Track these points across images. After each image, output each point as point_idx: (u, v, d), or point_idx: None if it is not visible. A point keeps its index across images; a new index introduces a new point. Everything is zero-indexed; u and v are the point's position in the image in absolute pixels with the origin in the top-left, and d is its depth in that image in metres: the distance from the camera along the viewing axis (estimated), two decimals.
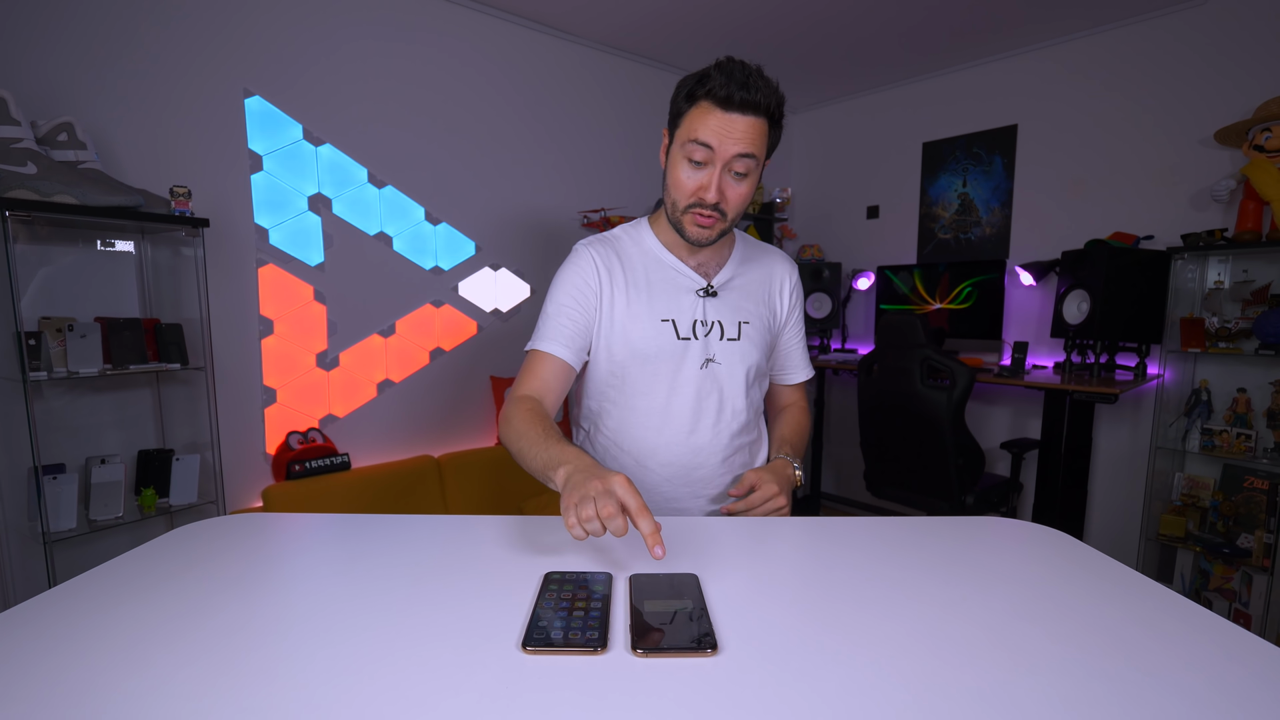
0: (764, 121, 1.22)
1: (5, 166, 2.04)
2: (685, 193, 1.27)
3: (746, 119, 1.20)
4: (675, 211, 1.30)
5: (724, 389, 1.40)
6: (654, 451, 1.40)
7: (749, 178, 1.26)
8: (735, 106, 1.18)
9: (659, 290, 1.39)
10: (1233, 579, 3.22)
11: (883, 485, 3.57)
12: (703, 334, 1.39)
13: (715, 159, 1.22)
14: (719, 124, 1.20)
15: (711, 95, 1.19)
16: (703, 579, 0.86)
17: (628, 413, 1.41)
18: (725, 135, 1.20)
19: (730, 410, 1.42)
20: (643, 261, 1.41)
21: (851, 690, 0.62)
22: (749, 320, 1.43)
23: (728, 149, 1.20)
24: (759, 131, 1.22)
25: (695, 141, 1.21)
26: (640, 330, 1.36)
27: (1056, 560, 0.95)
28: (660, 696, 0.62)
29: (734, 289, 1.44)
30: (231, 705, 0.60)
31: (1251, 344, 3.11)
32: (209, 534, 1.03)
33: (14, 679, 0.64)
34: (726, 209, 1.27)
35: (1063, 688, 0.63)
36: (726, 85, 1.18)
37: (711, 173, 1.23)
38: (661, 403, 1.38)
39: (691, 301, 1.39)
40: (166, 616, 0.77)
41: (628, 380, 1.39)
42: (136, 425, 2.59)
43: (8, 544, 2.33)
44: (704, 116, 1.21)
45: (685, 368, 1.38)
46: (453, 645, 0.71)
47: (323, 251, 3.03)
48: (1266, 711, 0.59)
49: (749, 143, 1.21)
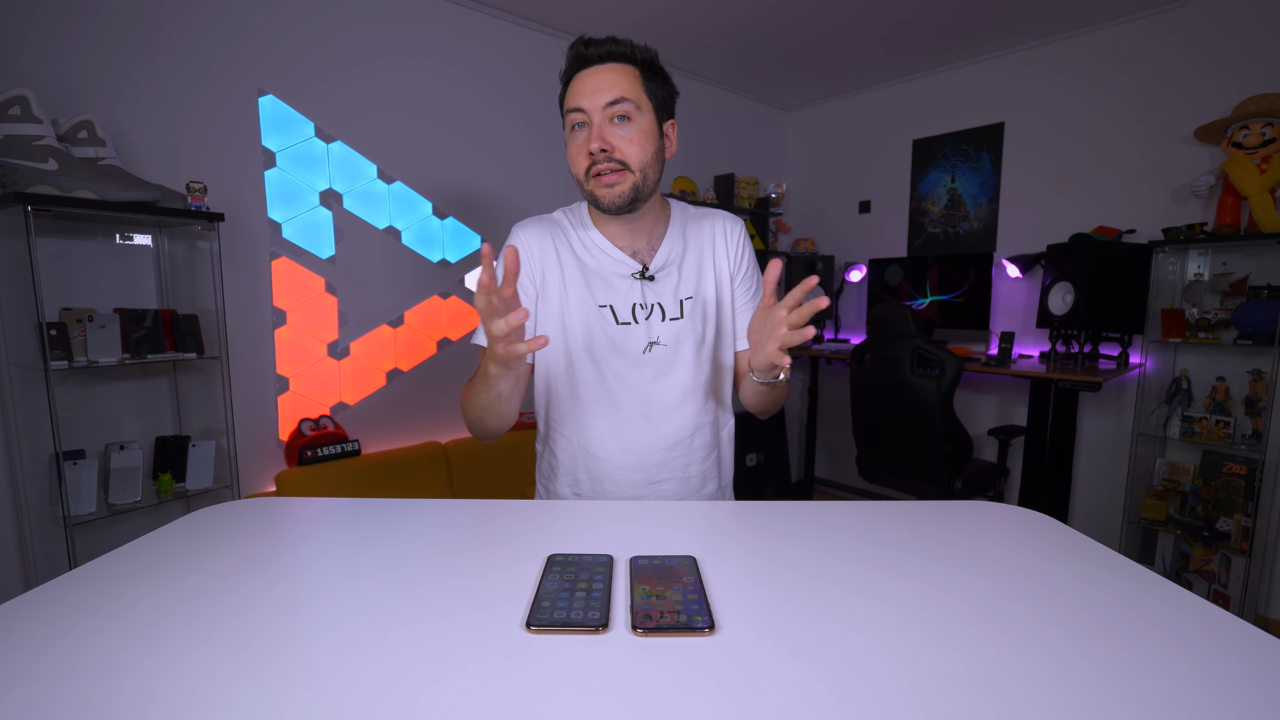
0: (629, 67, 1.21)
1: (27, 163, 2.04)
2: (579, 160, 1.24)
3: (605, 68, 1.20)
4: (583, 185, 1.27)
5: (671, 370, 1.33)
6: (603, 440, 1.34)
7: (634, 123, 1.21)
8: (593, 60, 1.20)
9: (595, 276, 1.33)
10: (1212, 561, 3.23)
11: (874, 471, 3.57)
12: (643, 317, 1.32)
13: (590, 117, 1.20)
14: (582, 83, 1.20)
15: (570, 65, 1.22)
16: (700, 561, 0.86)
17: (574, 403, 1.35)
18: (590, 91, 1.19)
19: (680, 390, 1.34)
20: (580, 247, 1.35)
21: (844, 667, 0.62)
22: (691, 295, 1.35)
23: (596, 101, 1.19)
24: (624, 75, 1.20)
25: (569, 108, 1.22)
26: (579, 318, 1.31)
27: (1042, 543, 0.95)
28: (660, 674, 0.62)
29: (672, 266, 1.35)
30: (245, 682, 0.60)
31: (1230, 334, 3.11)
32: (224, 518, 1.03)
33: (37, 656, 0.64)
34: (623, 158, 1.21)
35: (1048, 665, 0.62)
36: (577, 47, 1.21)
37: (590, 129, 1.21)
38: (607, 390, 1.33)
39: (628, 286, 1.32)
40: (182, 597, 0.77)
41: (571, 370, 1.34)
42: (154, 412, 2.59)
43: (30, 527, 2.33)
44: (572, 86, 1.22)
45: (627, 353, 1.32)
46: (459, 625, 0.70)
47: (334, 245, 3.02)
48: (1244, 688, 0.59)
49: (615, 88, 1.19)
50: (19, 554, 2.37)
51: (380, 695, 0.58)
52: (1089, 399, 3.78)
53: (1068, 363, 3.51)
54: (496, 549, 0.93)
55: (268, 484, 2.90)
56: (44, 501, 2.32)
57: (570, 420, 1.36)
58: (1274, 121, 2.93)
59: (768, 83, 4.65)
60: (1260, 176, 2.93)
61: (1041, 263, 3.76)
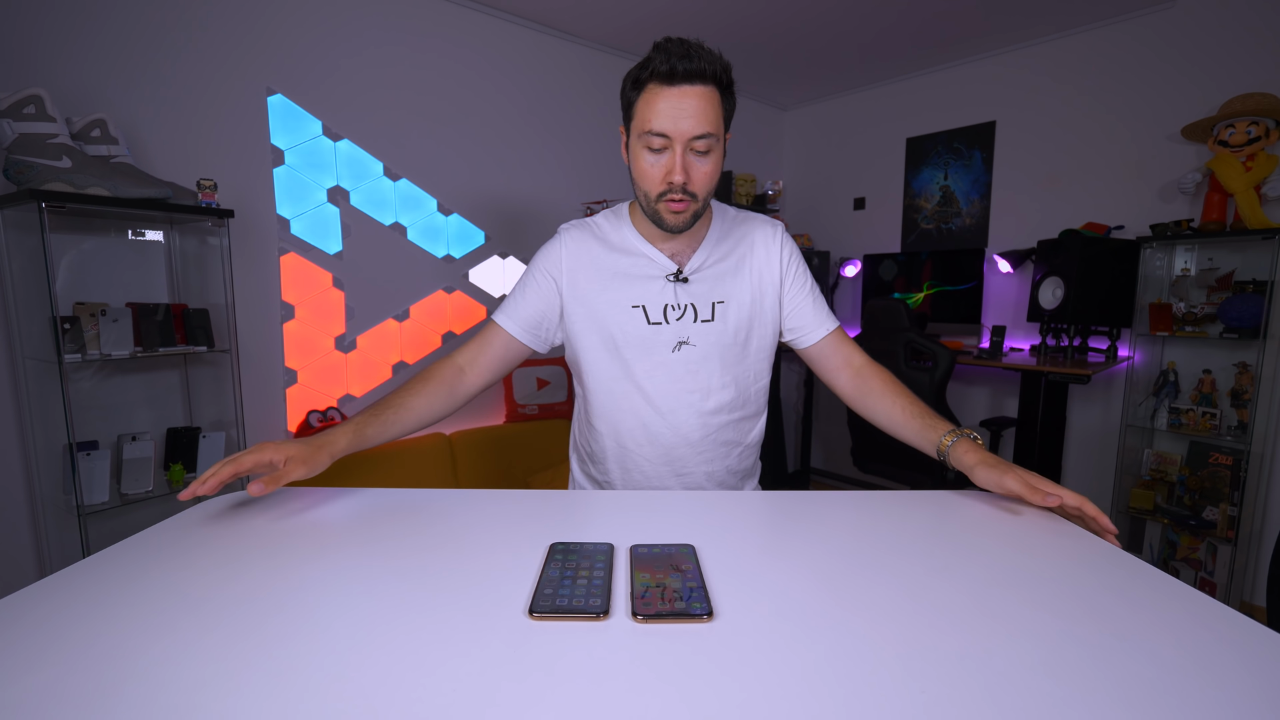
0: (713, 89, 1.16)
1: (42, 161, 2.03)
2: (654, 181, 1.20)
3: (695, 89, 1.13)
4: (649, 203, 1.24)
5: (699, 370, 1.34)
6: (632, 433, 1.36)
7: (711, 155, 1.19)
8: (680, 78, 1.13)
9: (630, 277, 1.34)
10: (1198, 549, 3.23)
11: (869, 461, 3.57)
12: (674, 318, 1.33)
13: (674, 142, 1.15)
14: (669, 104, 1.14)
15: (655, 75, 1.14)
16: (699, 550, 0.85)
17: (606, 397, 1.37)
18: (678, 115, 1.14)
19: (706, 389, 1.35)
20: (619, 248, 1.36)
21: (840, 654, 0.62)
22: (724, 300, 1.35)
23: (684, 129, 1.14)
24: (710, 102, 1.15)
25: (651, 131, 1.16)
26: (612, 317, 1.33)
27: (1032, 531, 0.94)
28: (660, 659, 0.61)
29: (709, 271, 1.35)
30: (254, 667, 0.60)
31: (1216, 328, 3.11)
32: (233, 506, 1.03)
33: (51, 642, 0.64)
34: (695, 190, 1.20)
35: (1039, 650, 0.62)
36: (668, 60, 1.12)
37: (673, 156, 1.16)
38: (636, 386, 1.34)
39: (661, 286, 1.33)
40: (193, 584, 0.76)
41: (605, 365, 1.36)
42: (165, 404, 2.59)
43: (45, 516, 2.34)
44: (653, 100, 1.15)
45: (657, 351, 1.33)
46: (464, 611, 0.70)
47: (341, 241, 3.02)
48: (1230, 673, 0.59)
49: (703, 119, 1.14)
50: (34, 542, 2.37)
51: (386, 679, 0.58)
52: (1078, 391, 3.78)
53: (1057, 356, 3.51)
54: (500, 538, 0.92)
55: None
56: (58, 491, 2.32)
57: (603, 414, 1.39)
58: (1259, 120, 2.93)
59: (765, 82, 4.64)
60: (1245, 174, 2.92)
61: (1032, 258, 3.76)
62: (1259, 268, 3.05)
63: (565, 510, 1.04)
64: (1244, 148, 2.95)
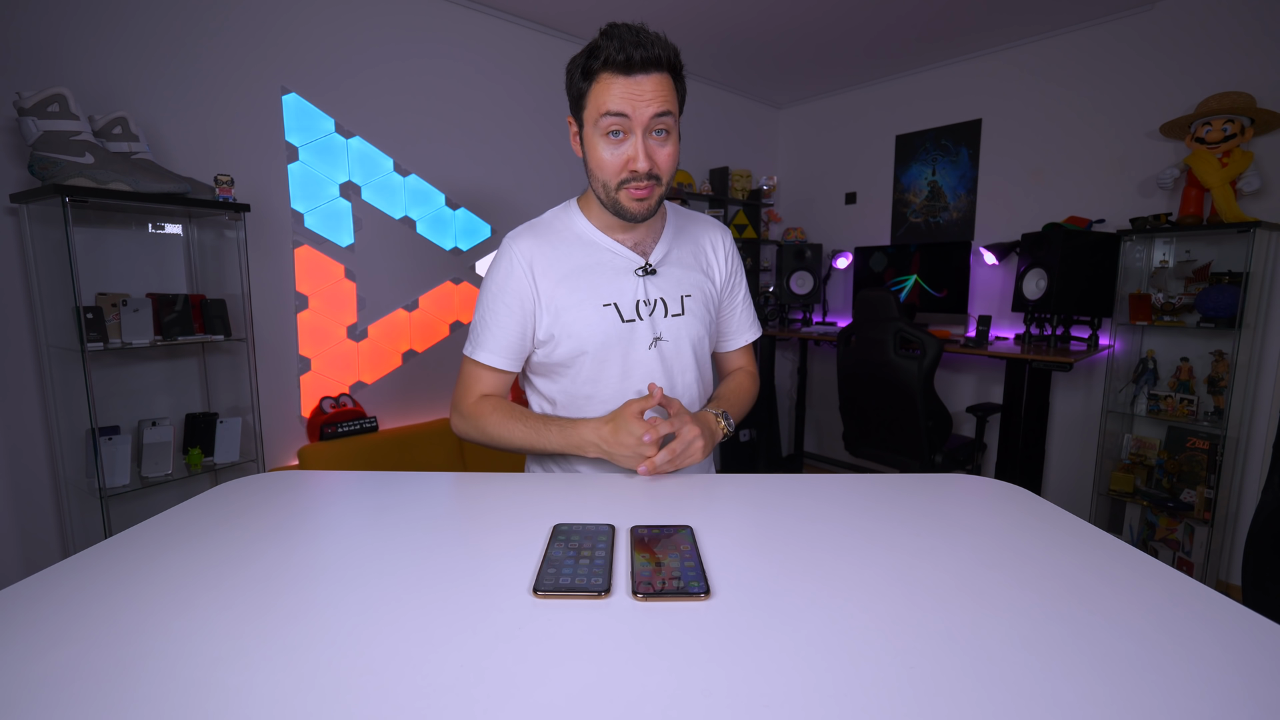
0: (668, 75, 1.09)
1: (65, 157, 2.02)
2: (613, 170, 1.12)
3: (651, 77, 1.06)
4: (609, 193, 1.15)
5: (673, 366, 1.28)
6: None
7: (671, 136, 1.12)
8: (637, 68, 1.05)
9: (596, 274, 1.23)
10: (1176, 530, 3.24)
11: (860, 445, 3.57)
12: (647, 313, 1.24)
13: (633, 126, 1.08)
14: (626, 90, 1.06)
15: (609, 64, 1.06)
16: (697, 530, 0.85)
17: (583, 401, 1.27)
18: (636, 99, 1.06)
19: (681, 385, 1.29)
20: (577, 246, 1.25)
21: (831, 630, 0.62)
22: (690, 293, 1.28)
23: (643, 112, 1.07)
24: (667, 86, 1.09)
25: (609, 114, 1.08)
26: (584, 319, 1.21)
27: (1017, 513, 0.94)
28: (659, 636, 0.62)
29: (672, 263, 1.28)
30: (269, 643, 0.60)
31: (1193, 318, 3.11)
32: (249, 489, 1.03)
33: (74, 619, 0.64)
34: (659, 174, 1.12)
35: (1023, 628, 0.62)
36: (623, 49, 1.04)
37: (634, 142, 1.09)
38: (614, 389, 1.25)
39: (632, 282, 1.24)
40: (211, 563, 0.76)
41: (579, 370, 1.25)
42: (184, 391, 2.59)
43: (68, 498, 2.34)
44: (608, 88, 1.07)
45: (634, 350, 1.24)
46: (470, 590, 0.70)
47: (353, 234, 3.01)
48: (1207, 649, 0.59)
49: (662, 100, 1.07)
50: (58, 524, 2.37)
51: (395, 655, 0.58)
52: (1061, 378, 3.78)
53: (1041, 344, 3.50)
54: (505, 519, 0.92)
55: (290, 458, 2.90)
56: (81, 474, 2.32)
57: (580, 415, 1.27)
58: (1235, 118, 2.91)
59: (760, 81, 4.61)
60: (1222, 170, 2.91)
61: (1016, 250, 3.75)
62: (1235, 260, 3.04)
63: (567, 492, 1.04)
64: (1220, 145, 2.94)
